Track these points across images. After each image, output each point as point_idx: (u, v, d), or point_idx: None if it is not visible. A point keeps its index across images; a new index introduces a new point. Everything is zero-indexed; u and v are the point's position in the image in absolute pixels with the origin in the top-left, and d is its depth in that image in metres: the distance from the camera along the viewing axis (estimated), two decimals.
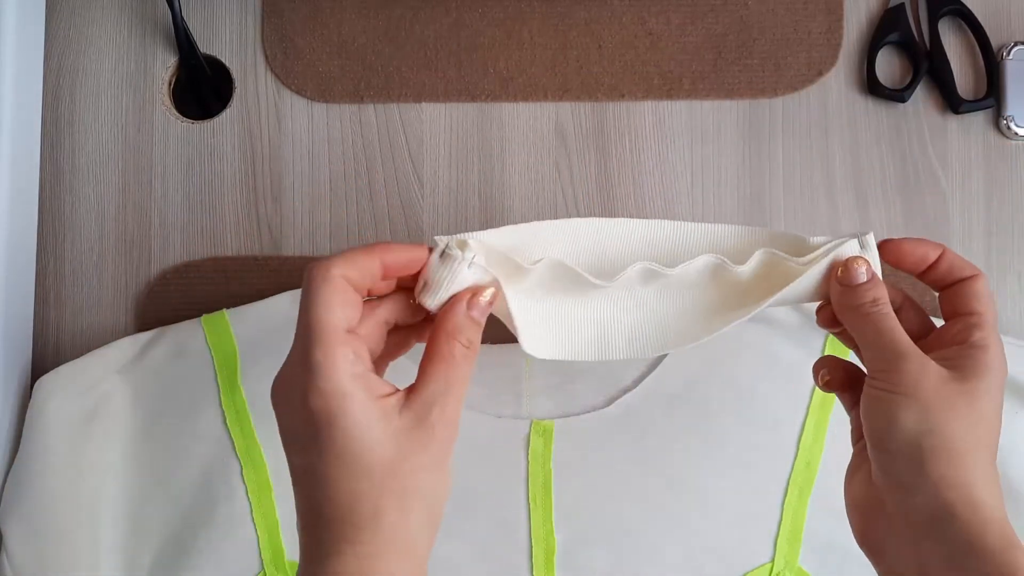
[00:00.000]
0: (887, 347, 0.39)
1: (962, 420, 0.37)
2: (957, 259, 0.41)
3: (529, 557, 0.53)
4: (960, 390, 0.38)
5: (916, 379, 0.38)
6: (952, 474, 0.37)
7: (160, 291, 0.58)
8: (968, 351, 0.39)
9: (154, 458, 0.54)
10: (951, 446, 0.37)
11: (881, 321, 0.40)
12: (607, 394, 0.55)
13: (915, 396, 0.38)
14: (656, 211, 0.58)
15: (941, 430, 0.37)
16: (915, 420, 0.37)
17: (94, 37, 0.60)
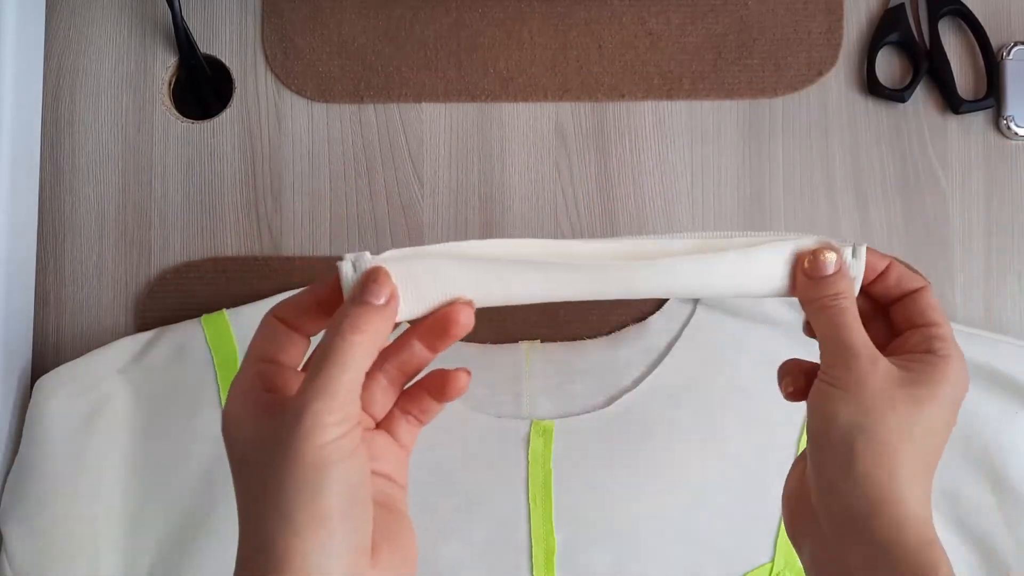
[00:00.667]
0: (840, 342, 0.39)
1: (900, 423, 0.37)
2: (905, 271, 0.41)
3: (529, 557, 0.53)
4: (906, 394, 0.37)
5: (862, 376, 0.37)
6: (878, 473, 0.36)
7: (160, 291, 0.58)
8: (928, 358, 0.38)
9: (154, 458, 0.54)
10: (883, 447, 0.37)
11: (839, 315, 0.39)
12: (607, 394, 0.55)
13: (857, 393, 0.37)
14: (656, 211, 0.58)
15: (875, 430, 0.37)
16: (851, 417, 0.37)
17: (94, 37, 0.60)
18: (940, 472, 0.53)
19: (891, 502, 0.36)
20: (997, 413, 0.53)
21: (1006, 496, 0.53)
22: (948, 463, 0.53)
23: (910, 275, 0.41)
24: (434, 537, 0.53)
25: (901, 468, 0.37)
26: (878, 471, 0.36)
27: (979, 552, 0.53)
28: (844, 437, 0.37)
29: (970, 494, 0.53)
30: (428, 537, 0.53)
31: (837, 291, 0.39)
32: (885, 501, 0.36)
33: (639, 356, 0.55)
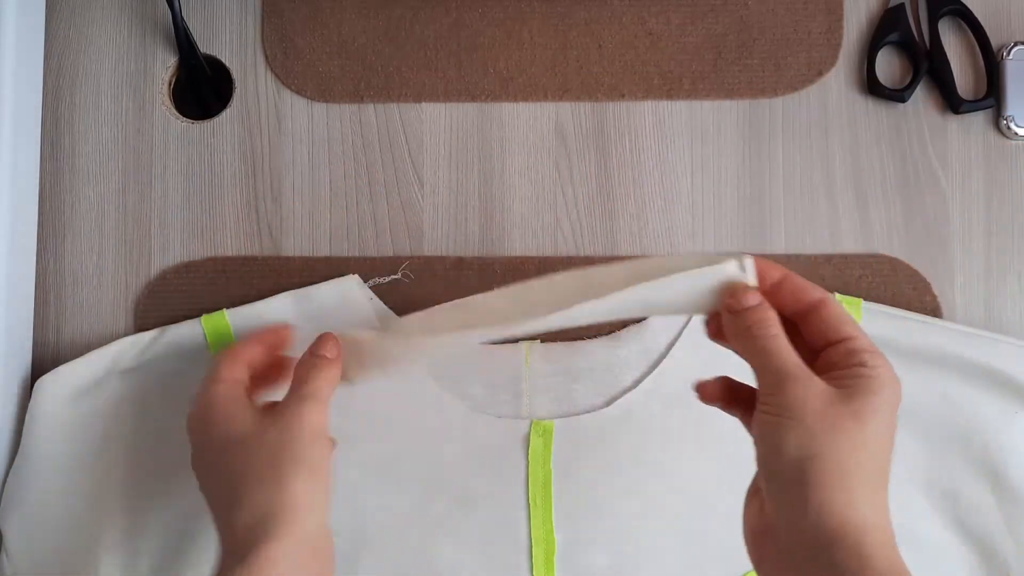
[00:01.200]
0: (773, 369, 0.39)
1: (848, 442, 0.37)
2: (801, 283, 0.41)
3: (529, 557, 0.53)
4: (847, 411, 0.37)
5: (801, 401, 0.37)
6: (836, 500, 0.36)
7: (160, 291, 0.58)
8: (857, 371, 0.38)
9: (154, 458, 0.54)
10: (836, 470, 0.36)
11: (768, 342, 0.39)
12: (607, 394, 0.55)
13: (800, 419, 0.37)
14: (656, 211, 0.58)
15: (825, 454, 0.36)
16: (799, 444, 0.37)
17: (94, 37, 0.60)
18: (940, 472, 0.53)
19: (853, 530, 0.35)
20: (997, 413, 0.53)
21: (1006, 496, 0.53)
22: (948, 463, 0.53)
23: (807, 287, 0.41)
24: (434, 537, 0.53)
25: (858, 491, 0.36)
26: (835, 498, 0.36)
27: (979, 552, 0.53)
28: (795, 466, 0.37)
29: (970, 494, 0.53)
30: (427, 537, 0.53)
31: (762, 318, 0.40)
32: (847, 529, 0.35)
33: (639, 356, 0.55)
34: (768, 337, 0.39)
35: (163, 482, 0.54)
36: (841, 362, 0.39)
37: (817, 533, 0.36)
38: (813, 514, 0.36)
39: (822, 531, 0.36)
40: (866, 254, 0.58)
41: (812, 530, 0.36)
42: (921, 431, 0.54)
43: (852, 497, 0.36)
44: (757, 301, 0.40)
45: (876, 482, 0.37)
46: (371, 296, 0.56)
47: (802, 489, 0.36)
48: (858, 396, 0.38)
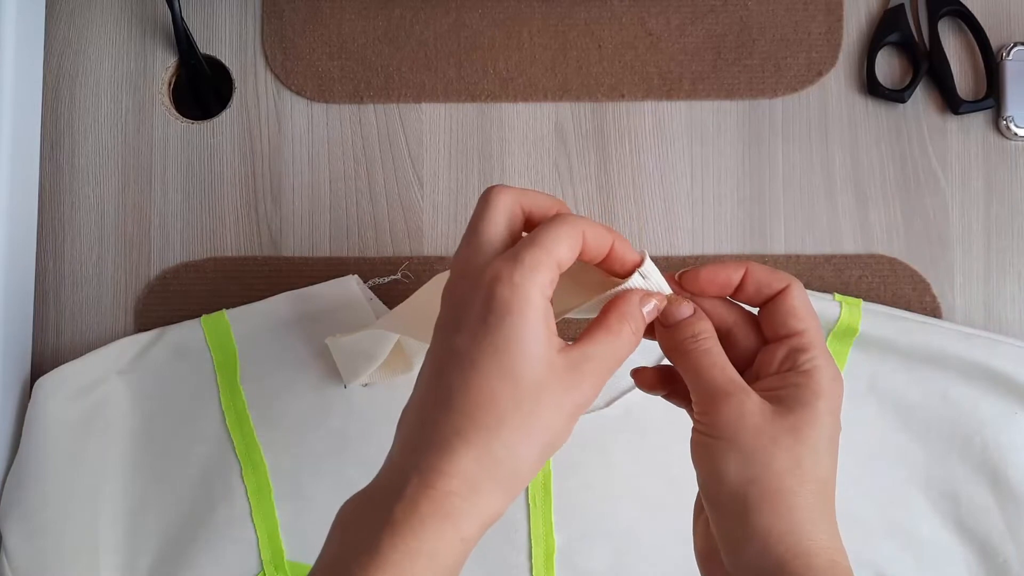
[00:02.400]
0: (706, 387, 0.37)
1: (787, 461, 0.35)
2: (764, 273, 0.38)
3: (529, 557, 0.53)
4: (784, 426, 0.35)
5: (735, 421, 0.35)
6: (777, 527, 0.34)
7: (160, 291, 0.58)
8: (793, 378, 0.36)
9: (154, 458, 0.54)
10: (776, 492, 0.34)
11: (700, 358, 0.37)
12: (607, 394, 0.55)
13: (735, 440, 0.35)
14: (656, 211, 0.58)
15: (763, 477, 0.34)
16: (736, 468, 0.35)
17: (94, 37, 0.60)
18: (940, 472, 0.53)
19: (797, 558, 0.34)
20: (997, 413, 0.53)
21: (1006, 496, 0.53)
22: (948, 463, 0.53)
23: (769, 277, 0.38)
24: None
25: (801, 514, 0.34)
26: (776, 525, 0.34)
27: (979, 553, 0.53)
28: (734, 492, 0.35)
29: (970, 494, 0.53)
30: None
31: (695, 332, 0.38)
32: (790, 558, 0.34)
33: (639, 356, 0.55)
34: (700, 352, 0.37)
35: (163, 482, 0.54)
36: (782, 364, 0.37)
37: (761, 563, 0.34)
38: (756, 544, 0.34)
39: (766, 561, 0.34)
40: (866, 254, 0.58)
41: (755, 560, 0.34)
42: (921, 431, 0.54)
43: (795, 522, 0.34)
44: (689, 311, 0.39)
45: (821, 500, 0.35)
46: (371, 296, 0.56)
47: (742, 517, 0.35)
48: (795, 408, 0.35)
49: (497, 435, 0.34)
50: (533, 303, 0.34)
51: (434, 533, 0.33)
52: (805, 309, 0.38)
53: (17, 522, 0.52)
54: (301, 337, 0.55)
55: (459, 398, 0.34)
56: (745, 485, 0.35)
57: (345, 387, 0.54)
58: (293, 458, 0.54)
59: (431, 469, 0.34)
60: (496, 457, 0.34)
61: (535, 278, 0.34)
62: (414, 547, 0.32)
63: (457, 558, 0.34)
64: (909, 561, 0.53)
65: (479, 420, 0.34)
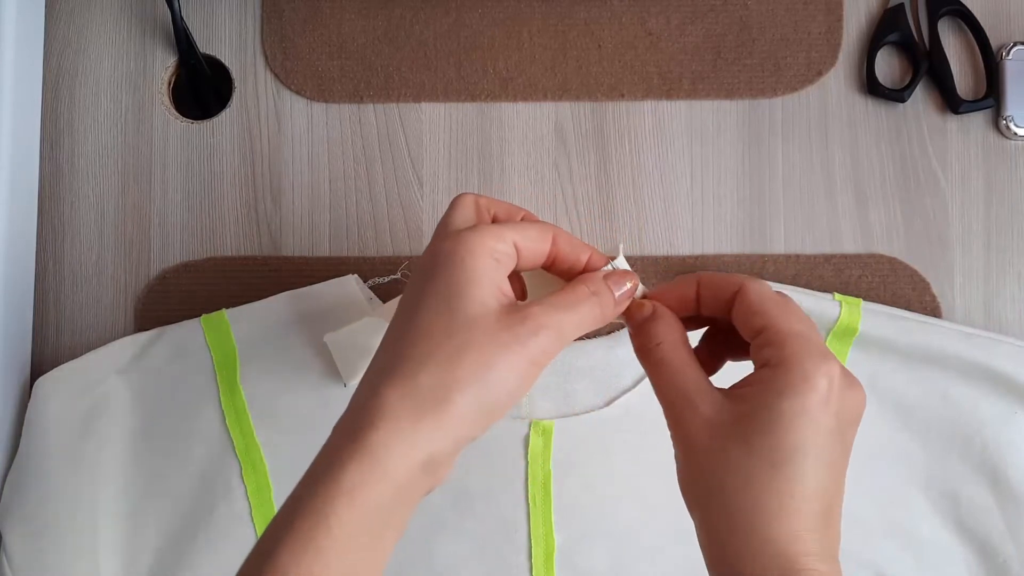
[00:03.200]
0: (664, 392, 0.36)
1: (740, 471, 0.32)
2: (715, 279, 0.37)
3: (529, 557, 0.53)
4: (736, 433, 0.33)
5: (691, 426, 0.34)
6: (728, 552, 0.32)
7: (160, 291, 0.58)
8: (760, 375, 0.34)
9: (153, 458, 0.54)
10: (726, 516, 0.32)
11: (656, 365, 0.36)
12: (606, 394, 0.55)
13: (692, 445, 0.34)
14: (656, 211, 0.58)
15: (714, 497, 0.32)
16: (691, 486, 0.34)
17: (93, 37, 0.60)
18: (940, 472, 0.53)
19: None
20: (997, 413, 0.53)
21: (1006, 497, 0.53)
22: (948, 463, 0.53)
23: (723, 281, 0.37)
24: (433, 537, 0.53)
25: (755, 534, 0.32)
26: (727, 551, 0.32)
27: (979, 553, 0.53)
28: (693, 512, 0.34)
29: (970, 494, 0.53)
30: (427, 536, 0.53)
31: (656, 339, 0.37)
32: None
33: None
34: (657, 360, 0.36)
35: (163, 482, 0.54)
36: (755, 361, 0.35)
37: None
38: (728, 566, 0.32)
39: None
40: (866, 254, 0.58)
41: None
42: (921, 431, 0.54)
43: (745, 544, 0.32)
44: (648, 312, 0.37)
45: (780, 513, 0.32)
46: (371, 296, 0.56)
47: (713, 538, 0.33)
48: (751, 414, 0.33)
49: (424, 366, 0.33)
50: (475, 253, 0.35)
51: (355, 471, 0.32)
52: (765, 303, 0.35)
53: (17, 522, 0.52)
54: (301, 337, 0.55)
55: (395, 339, 0.35)
56: (697, 505, 0.34)
57: (345, 386, 0.54)
58: (293, 458, 0.54)
59: (354, 408, 0.34)
60: (420, 387, 0.33)
61: (482, 238, 0.35)
62: (332, 489, 0.31)
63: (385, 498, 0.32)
64: (909, 561, 0.53)
65: (407, 353, 0.34)
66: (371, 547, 0.32)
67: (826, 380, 0.33)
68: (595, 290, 0.36)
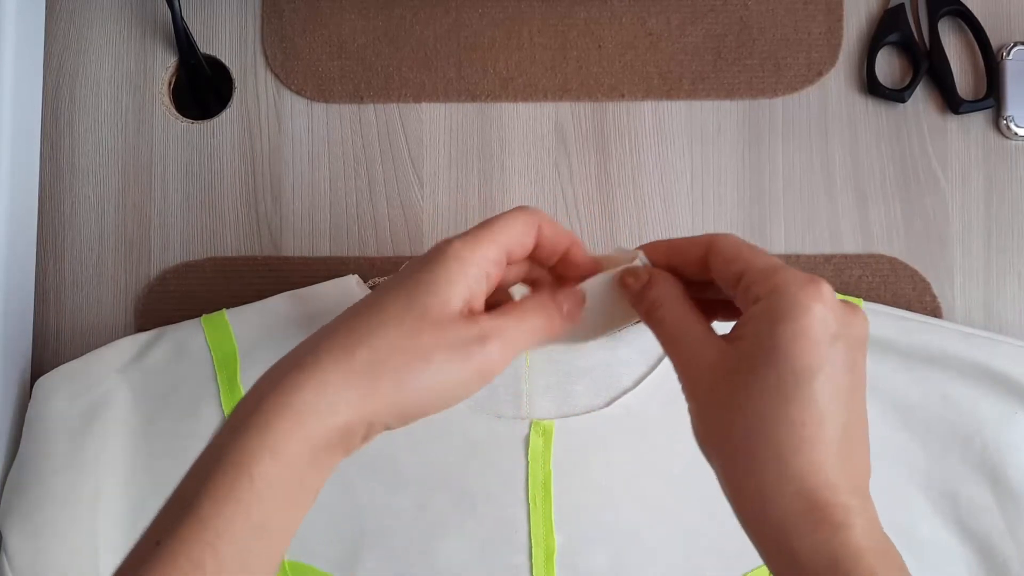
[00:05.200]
0: (669, 348, 0.36)
1: (748, 410, 0.31)
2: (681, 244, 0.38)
3: (529, 557, 0.53)
4: (739, 373, 0.32)
5: (697, 375, 0.34)
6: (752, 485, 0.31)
7: (160, 291, 0.58)
8: (749, 317, 0.33)
9: (154, 458, 0.54)
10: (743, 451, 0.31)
11: (658, 323, 0.36)
12: (607, 394, 0.55)
13: (700, 394, 0.34)
14: (656, 211, 0.58)
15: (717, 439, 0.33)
16: (698, 432, 0.34)
17: (94, 37, 0.60)
18: (940, 472, 0.53)
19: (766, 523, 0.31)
20: (997, 413, 0.53)
21: (1006, 496, 0.53)
22: (948, 463, 0.53)
23: (686, 244, 0.37)
24: (433, 537, 0.53)
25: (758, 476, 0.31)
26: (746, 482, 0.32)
27: (979, 553, 0.53)
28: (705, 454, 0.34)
29: (970, 494, 0.53)
30: (427, 537, 0.53)
31: (653, 298, 0.37)
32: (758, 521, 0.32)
33: (639, 356, 0.55)
34: (659, 319, 0.36)
35: (163, 482, 0.54)
36: (743, 306, 0.34)
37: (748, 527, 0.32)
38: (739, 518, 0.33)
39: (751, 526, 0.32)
40: (866, 254, 0.58)
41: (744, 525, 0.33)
42: (921, 431, 0.54)
43: (762, 485, 0.31)
44: (645, 278, 0.37)
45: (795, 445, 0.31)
46: None
47: (724, 490, 0.33)
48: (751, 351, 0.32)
49: (366, 341, 0.34)
50: (456, 255, 0.35)
51: (278, 429, 0.32)
52: (740, 249, 0.35)
53: (18, 522, 0.52)
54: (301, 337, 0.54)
55: (354, 312, 0.36)
56: (705, 449, 0.34)
57: None
58: None
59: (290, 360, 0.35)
60: (355, 358, 0.34)
61: (468, 244, 0.36)
62: (256, 442, 0.32)
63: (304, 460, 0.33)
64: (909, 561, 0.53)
65: (356, 326, 0.35)
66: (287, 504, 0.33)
67: (819, 302, 0.32)
68: (542, 302, 0.38)
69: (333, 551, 0.52)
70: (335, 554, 0.52)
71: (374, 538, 0.53)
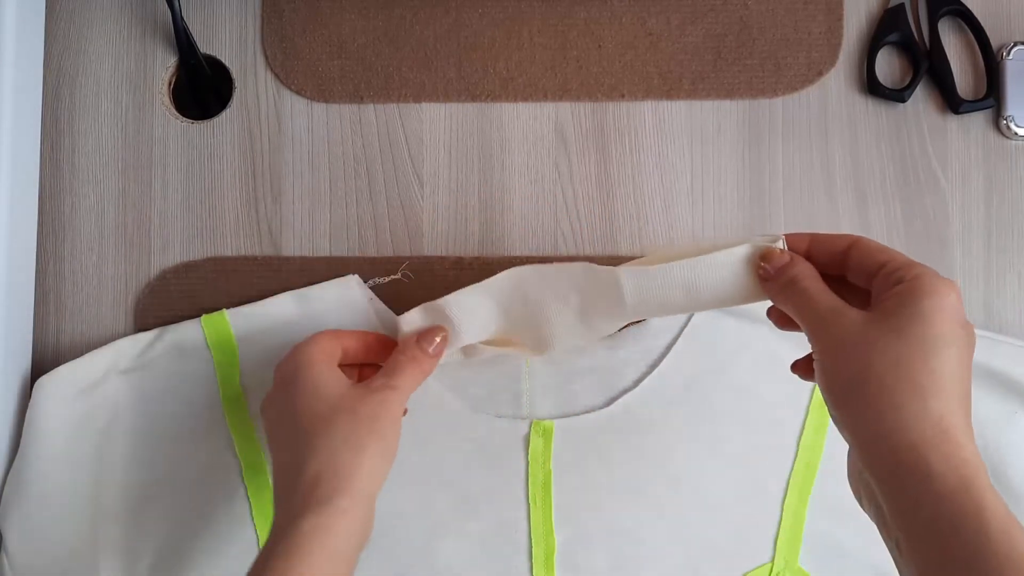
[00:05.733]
0: (809, 314, 0.41)
1: (890, 357, 0.37)
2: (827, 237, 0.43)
3: (529, 557, 0.53)
4: (886, 328, 0.38)
5: (839, 333, 0.39)
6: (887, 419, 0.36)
7: (160, 291, 0.58)
8: (895, 290, 0.39)
9: (154, 458, 0.54)
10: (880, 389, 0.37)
11: (800, 294, 0.41)
12: (607, 394, 0.55)
13: (841, 347, 0.38)
14: (656, 211, 0.58)
15: (869, 376, 0.37)
16: (847, 372, 0.38)
17: (94, 37, 0.60)
18: None
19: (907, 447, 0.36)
20: (997, 413, 0.53)
21: (1006, 497, 0.53)
22: None
23: (833, 237, 0.43)
24: (434, 536, 0.53)
25: (909, 406, 0.36)
26: (892, 414, 0.36)
27: None
28: (848, 392, 0.38)
29: None
30: (428, 536, 0.53)
31: (794, 275, 0.42)
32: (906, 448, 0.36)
33: (639, 356, 0.55)
34: (801, 290, 0.41)
35: (163, 482, 0.54)
36: (883, 288, 0.39)
37: (890, 457, 0.36)
38: (883, 437, 0.36)
39: (893, 454, 0.36)
40: None
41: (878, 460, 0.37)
42: None
43: (902, 414, 0.36)
44: (787, 259, 0.43)
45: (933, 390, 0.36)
46: (371, 296, 0.56)
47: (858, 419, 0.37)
48: (896, 312, 0.38)
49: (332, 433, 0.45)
50: (312, 359, 0.48)
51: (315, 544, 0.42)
52: (880, 245, 0.41)
53: (18, 522, 0.53)
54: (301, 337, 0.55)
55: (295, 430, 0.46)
56: (854, 385, 0.37)
57: None
58: None
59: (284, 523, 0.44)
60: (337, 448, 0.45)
61: (315, 344, 0.49)
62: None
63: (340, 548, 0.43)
64: None
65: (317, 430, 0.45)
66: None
67: (955, 293, 0.38)
68: (411, 355, 0.49)
69: None
70: None
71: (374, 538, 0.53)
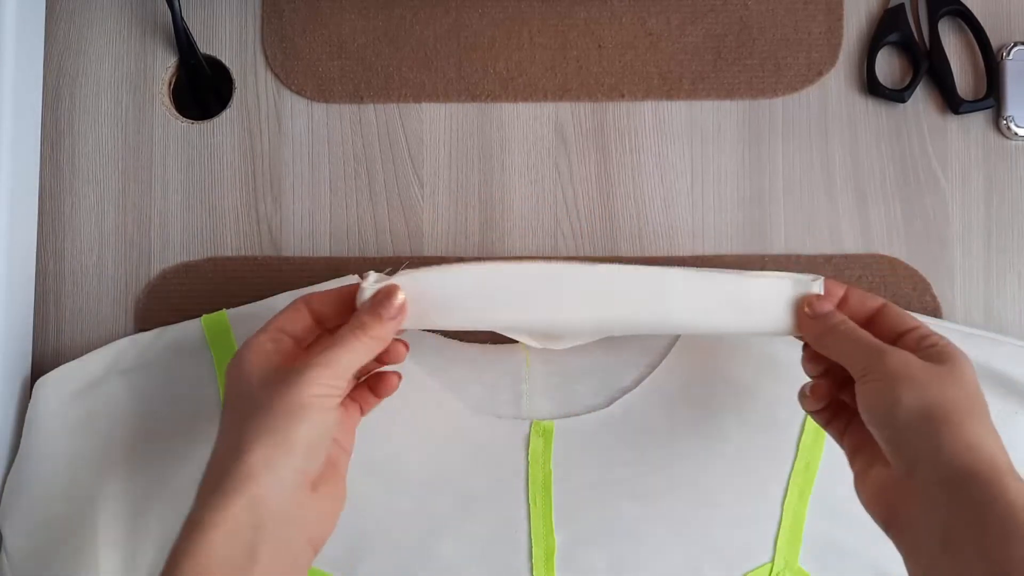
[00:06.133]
0: (867, 349, 0.44)
1: (954, 392, 0.41)
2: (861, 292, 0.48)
3: (529, 557, 0.53)
4: (941, 370, 0.42)
5: (903, 364, 0.42)
6: (963, 438, 0.39)
7: (160, 291, 0.58)
8: (931, 347, 0.43)
9: (154, 458, 0.54)
10: (953, 414, 0.40)
11: (853, 332, 0.45)
12: (607, 394, 0.55)
13: (908, 377, 0.41)
14: (656, 211, 0.58)
15: (940, 401, 0.40)
16: (916, 396, 0.41)
17: (94, 38, 0.60)
18: None
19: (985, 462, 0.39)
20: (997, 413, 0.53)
21: None
22: None
23: (867, 295, 0.47)
24: (434, 537, 0.53)
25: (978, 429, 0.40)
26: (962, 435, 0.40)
27: None
28: (918, 415, 0.40)
29: None
30: (427, 537, 0.53)
31: (842, 318, 0.46)
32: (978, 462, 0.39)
33: (639, 356, 0.55)
34: (851, 328, 0.45)
35: (163, 482, 0.54)
36: (916, 345, 0.44)
37: (952, 469, 0.39)
38: (945, 453, 0.39)
39: (957, 466, 0.39)
40: (866, 254, 0.58)
41: (947, 467, 0.39)
42: None
43: (975, 436, 0.40)
44: (832, 306, 0.47)
45: (987, 423, 0.41)
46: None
47: (928, 435, 0.40)
48: (945, 360, 0.42)
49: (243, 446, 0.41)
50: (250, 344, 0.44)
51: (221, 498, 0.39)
52: (909, 314, 0.46)
53: (17, 521, 0.53)
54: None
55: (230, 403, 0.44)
56: (928, 408, 0.40)
57: None
58: None
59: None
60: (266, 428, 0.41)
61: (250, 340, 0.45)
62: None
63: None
64: None
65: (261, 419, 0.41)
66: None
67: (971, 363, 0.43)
68: (358, 323, 0.44)
69: (333, 551, 0.52)
70: (335, 554, 0.52)
71: (374, 538, 0.53)
